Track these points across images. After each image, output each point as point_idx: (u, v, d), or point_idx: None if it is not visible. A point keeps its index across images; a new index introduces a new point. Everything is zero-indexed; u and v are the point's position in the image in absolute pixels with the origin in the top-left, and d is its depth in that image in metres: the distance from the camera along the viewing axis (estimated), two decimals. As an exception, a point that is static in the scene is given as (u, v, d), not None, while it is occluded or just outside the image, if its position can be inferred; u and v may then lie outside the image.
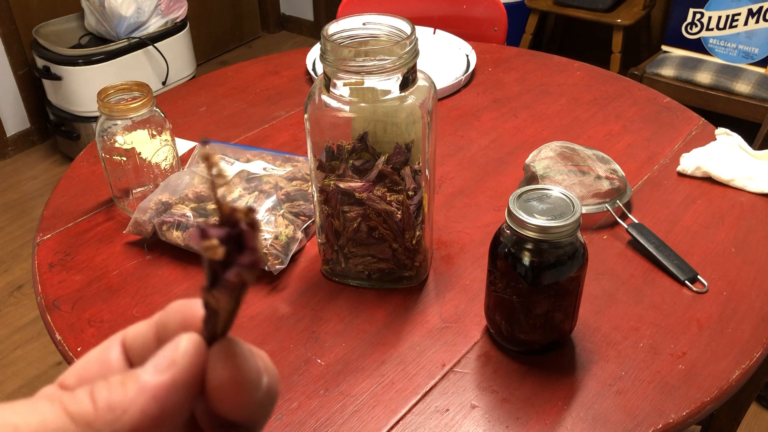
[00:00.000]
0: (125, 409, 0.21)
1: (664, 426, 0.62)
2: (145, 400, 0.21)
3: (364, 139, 0.70)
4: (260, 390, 0.23)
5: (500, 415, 0.64)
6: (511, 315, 0.67)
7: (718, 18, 2.12)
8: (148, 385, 0.21)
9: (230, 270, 0.21)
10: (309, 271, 0.81)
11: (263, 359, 0.24)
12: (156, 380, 0.22)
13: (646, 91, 1.19)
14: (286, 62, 1.34)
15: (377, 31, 0.68)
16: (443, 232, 0.87)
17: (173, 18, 2.44)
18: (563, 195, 0.64)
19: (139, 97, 0.83)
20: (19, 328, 1.85)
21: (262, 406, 0.23)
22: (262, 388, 0.23)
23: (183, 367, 0.22)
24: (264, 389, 0.23)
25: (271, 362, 0.24)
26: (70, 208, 0.94)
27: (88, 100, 2.33)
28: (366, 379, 0.68)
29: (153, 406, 0.21)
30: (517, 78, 1.26)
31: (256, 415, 0.23)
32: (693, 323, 0.73)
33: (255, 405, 0.23)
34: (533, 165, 0.89)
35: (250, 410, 0.23)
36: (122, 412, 0.21)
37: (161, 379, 0.22)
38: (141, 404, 0.21)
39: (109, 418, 0.21)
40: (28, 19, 2.45)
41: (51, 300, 0.78)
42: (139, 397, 0.21)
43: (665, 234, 0.85)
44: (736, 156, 0.96)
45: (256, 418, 0.24)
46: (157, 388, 0.21)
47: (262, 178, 0.86)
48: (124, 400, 0.21)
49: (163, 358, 0.22)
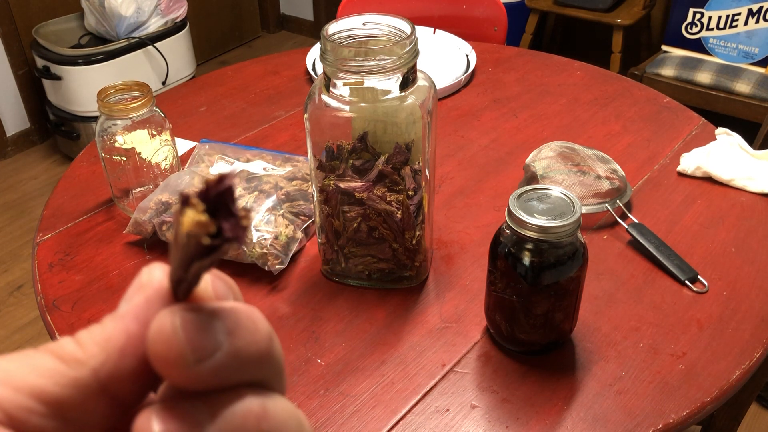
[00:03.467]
0: (108, 338, 0.21)
1: (664, 426, 0.62)
2: (124, 323, 0.21)
3: (364, 139, 0.70)
4: (207, 362, 0.20)
5: (500, 415, 0.64)
6: (511, 315, 0.67)
7: (718, 18, 2.12)
8: (123, 311, 0.22)
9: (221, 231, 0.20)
10: (309, 271, 0.81)
11: (234, 320, 0.21)
12: (128, 306, 0.22)
13: (646, 91, 1.19)
14: (286, 62, 1.34)
15: (377, 31, 0.68)
16: (443, 232, 0.87)
17: (173, 18, 2.44)
18: (563, 195, 0.64)
19: (139, 97, 0.83)
20: (19, 328, 1.85)
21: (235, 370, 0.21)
22: (213, 358, 0.20)
23: (152, 287, 0.22)
24: (221, 357, 0.21)
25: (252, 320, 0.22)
26: (70, 208, 0.93)
27: (88, 100, 2.33)
28: (366, 379, 0.68)
29: (133, 325, 0.21)
30: (517, 78, 1.25)
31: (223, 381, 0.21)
32: (693, 323, 0.73)
33: (205, 375, 0.20)
34: (533, 165, 0.89)
35: (198, 381, 0.21)
36: (106, 341, 0.21)
37: (133, 302, 0.22)
38: (121, 327, 0.21)
39: (95, 350, 0.21)
40: (28, 19, 2.45)
41: (51, 300, 0.78)
42: (119, 324, 0.21)
43: (665, 234, 0.85)
44: (736, 156, 0.96)
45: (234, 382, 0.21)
46: (131, 310, 0.22)
47: (262, 178, 0.86)
48: (105, 332, 0.21)
49: (131, 290, 0.22)
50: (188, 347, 0.20)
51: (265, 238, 0.78)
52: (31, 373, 0.20)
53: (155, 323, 0.21)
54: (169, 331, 0.21)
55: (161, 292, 0.22)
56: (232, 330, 0.21)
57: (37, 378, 0.20)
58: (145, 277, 0.22)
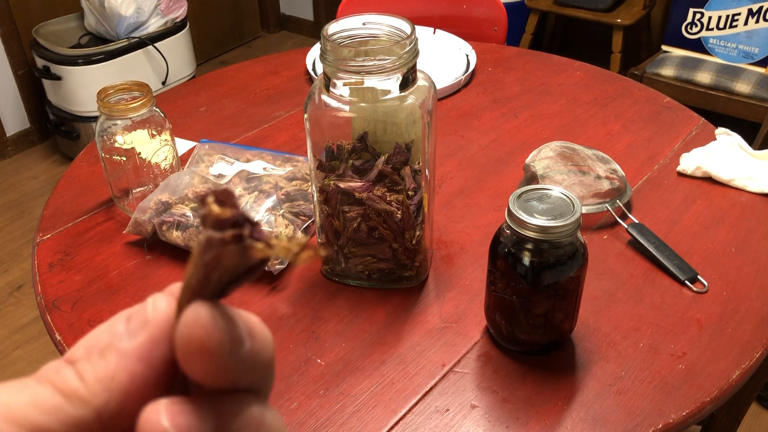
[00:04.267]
0: (112, 377, 0.21)
1: (664, 426, 0.62)
2: (129, 363, 0.21)
3: (364, 139, 0.70)
4: (237, 354, 0.22)
5: (500, 415, 0.64)
6: (511, 315, 0.67)
7: (718, 18, 2.12)
8: (128, 348, 0.22)
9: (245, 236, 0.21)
10: (309, 271, 0.81)
11: (250, 323, 0.23)
12: (133, 343, 0.22)
13: (646, 91, 1.19)
14: (286, 62, 1.34)
15: (377, 31, 0.68)
16: (443, 232, 0.87)
17: (173, 18, 2.44)
18: (563, 195, 0.64)
19: (139, 97, 0.83)
20: (19, 328, 1.85)
21: (248, 371, 0.22)
22: (240, 352, 0.22)
23: (158, 324, 0.22)
24: (245, 353, 0.22)
25: (262, 327, 0.23)
26: (70, 208, 0.93)
27: (88, 100, 2.33)
28: (366, 379, 0.68)
29: (138, 366, 0.21)
30: (517, 78, 1.26)
31: (238, 380, 0.22)
32: (693, 323, 0.73)
33: (231, 370, 0.22)
34: (533, 165, 0.89)
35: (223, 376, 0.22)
36: (110, 380, 0.21)
37: (138, 340, 0.22)
38: (126, 367, 0.21)
39: (98, 388, 0.21)
40: (28, 19, 2.45)
41: (51, 300, 0.78)
42: (122, 362, 0.21)
43: (665, 234, 0.85)
44: (736, 156, 0.96)
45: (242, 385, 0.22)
46: (136, 349, 0.21)
47: (262, 178, 0.86)
48: (108, 369, 0.21)
49: (136, 322, 0.22)
50: (227, 336, 0.21)
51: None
52: (34, 409, 0.20)
53: (189, 314, 0.21)
54: (209, 319, 0.21)
55: (166, 330, 0.22)
56: (251, 331, 0.22)
57: (40, 415, 0.20)
58: (150, 311, 0.22)
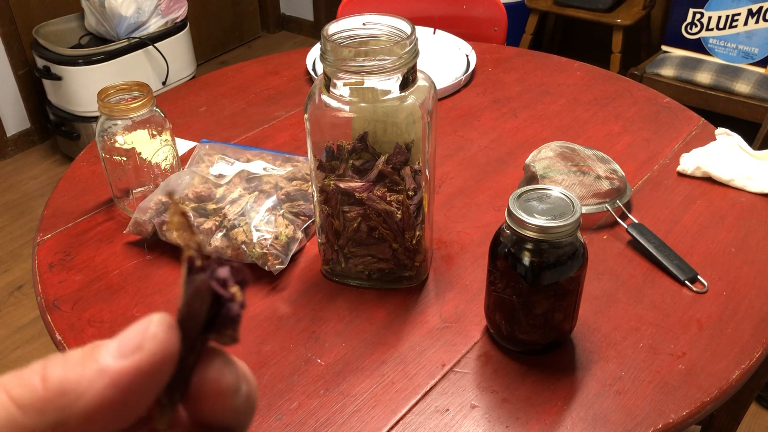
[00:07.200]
0: (81, 393, 0.19)
1: (664, 426, 0.62)
2: (103, 385, 0.19)
3: (364, 139, 0.70)
4: (239, 396, 0.23)
5: (500, 415, 0.64)
6: (511, 315, 0.67)
7: (718, 18, 2.12)
8: (109, 368, 0.19)
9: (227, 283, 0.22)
10: (309, 271, 0.81)
11: (242, 368, 0.24)
12: (118, 365, 0.19)
13: (646, 91, 1.19)
14: (286, 62, 1.34)
15: (377, 31, 0.68)
16: (443, 232, 0.87)
17: (173, 18, 2.44)
18: (563, 195, 0.64)
19: (139, 97, 0.83)
20: (19, 328, 1.85)
21: (241, 413, 0.23)
22: (241, 394, 0.23)
23: (150, 353, 0.20)
24: (243, 396, 0.23)
25: (250, 372, 0.24)
26: (70, 208, 0.94)
27: (88, 100, 2.33)
28: (366, 379, 0.68)
29: (111, 393, 0.19)
30: (517, 78, 1.26)
31: (235, 421, 0.23)
32: (693, 323, 0.73)
33: (234, 411, 0.23)
34: (533, 165, 0.89)
35: (229, 416, 0.23)
36: (77, 396, 0.19)
37: (124, 365, 0.19)
38: (98, 389, 0.19)
39: (61, 402, 0.19)
40: (28, 19, 2.45)
41: (51, 300, 0.78)
42: (98, 381, 0.19)
43: (665, 234, 0.85)
44: (736, 156, 0.96)
45: (235, 424, 0.23)
46: (118, 374, 0.19)
47: (262, 178, 0.86)
48: (81, 383, 0.19)
49: (129, 340, 0.20)
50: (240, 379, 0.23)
51: (265, 238, 0.78)
52: None
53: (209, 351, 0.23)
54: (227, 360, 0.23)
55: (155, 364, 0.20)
56: (244, 376, 0.24)
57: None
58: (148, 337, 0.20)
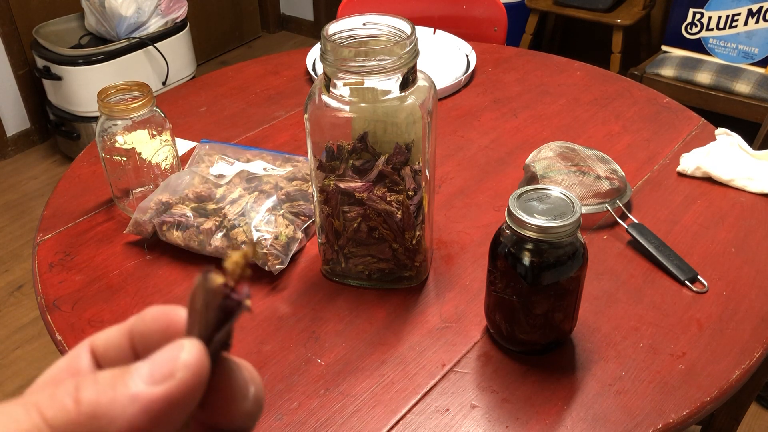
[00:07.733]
0: (112, 419, 0.19)
1: (664, 426, 0.62)
2: (134, 412, 0.19)
3: (364, 139, 0.70)
4: (248, 400, 0.23)
5: (500, 415, 0.64)
6: (511, 315, 0.67)
7: (718, 18, 2.12)
8: (141, 395, 0.19)
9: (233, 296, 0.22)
10: (309, 271, 0.81)
11: (248, 370, 0.24)
12: (150, 392, 0.19)
13: (646, 91, 1.19)
14: (286, 62, 1.34)
15: (377, 31, 0.68)
16: (443, 232, 0.87)
17: (173, 18, 2.44)
18: (563, 195, 0.64)
19: (139, 97, 0.83)
20: (19, 328, 1.85)
21: (251, 415, 0.24)
22: (250, 398, 0.23)
23: (182, 382, 0.20)
24: (252, 399, 0.23)
25: (255, 372, 0.24)
26: (70, 208, 0.94)
27: (88, 100, 2.33)
28: (366, 379, 0.68)
29: (142, 419, 0.19)
30: (517, 78, 1.26)
31: (245, 423, 0.24)
32: (693, 323, 0.73)
33: (244, 414, 0.23)
34: (533, 165, 0.89)
35: (239, 420, 0.23)
36: (108, 421, 0.19)
37: (155, 392, 0.19)
38: (130, 415, 0.19)
39: (92, 426, 0.19)
40: (28, 19, 2.45)
41: (51, 300, 0.78)
42: (130, 407, 0.19)
43: (665, 234, 0.85)
44: (736, 156, 0.96)
45: (244, 427, 0.24)
46: (149, 401, 0.19)
47: (262, 178, 0.86)
48: (113, 408, 0.19)
49: (161, 366, 0.20)
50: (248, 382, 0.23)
51: (265, 238, 0.78)
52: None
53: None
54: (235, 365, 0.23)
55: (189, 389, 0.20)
56: (252, 378, 0.24)
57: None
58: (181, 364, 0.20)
